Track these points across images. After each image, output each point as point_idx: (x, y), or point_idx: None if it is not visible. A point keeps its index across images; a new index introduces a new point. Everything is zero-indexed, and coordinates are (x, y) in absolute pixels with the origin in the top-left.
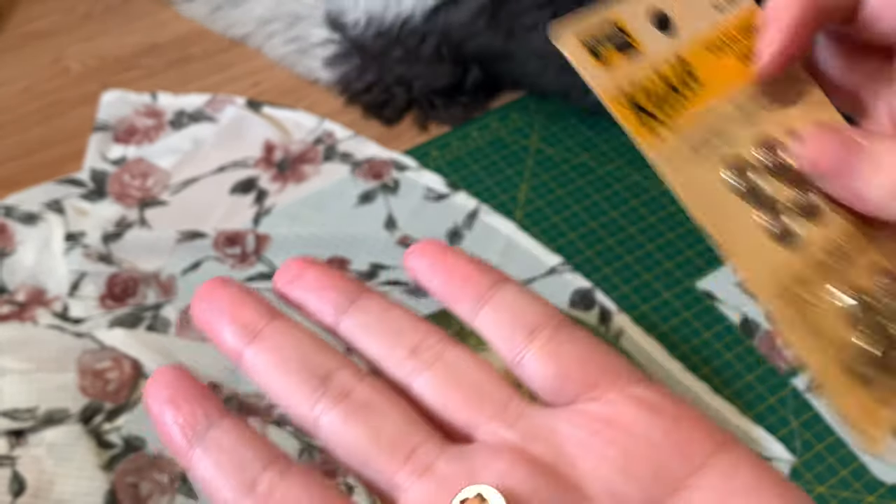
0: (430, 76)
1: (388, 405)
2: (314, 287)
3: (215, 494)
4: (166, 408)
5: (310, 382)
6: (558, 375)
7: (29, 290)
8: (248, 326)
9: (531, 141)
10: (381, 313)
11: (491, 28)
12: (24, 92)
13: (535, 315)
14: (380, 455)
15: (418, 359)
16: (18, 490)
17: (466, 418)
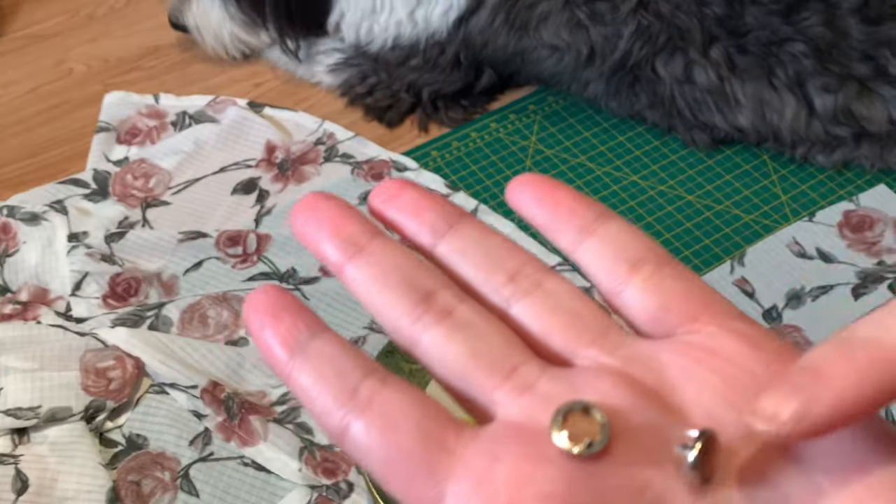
0: (444, 83)
1: (489, 326)
2: (411, 208)
3: (315, 402)
4: (267, 320)
5: (412, 299)
6: (660, 307)
7: (32, 289)
8: (350, 241)
9: (530, 142)
10: (479, 239)
11: (507, 25)
12: (28, 93)
13: (639, 249)
14: (480, 372)
15: (517, 285)
16: (21, 488)
17: (565, 344)
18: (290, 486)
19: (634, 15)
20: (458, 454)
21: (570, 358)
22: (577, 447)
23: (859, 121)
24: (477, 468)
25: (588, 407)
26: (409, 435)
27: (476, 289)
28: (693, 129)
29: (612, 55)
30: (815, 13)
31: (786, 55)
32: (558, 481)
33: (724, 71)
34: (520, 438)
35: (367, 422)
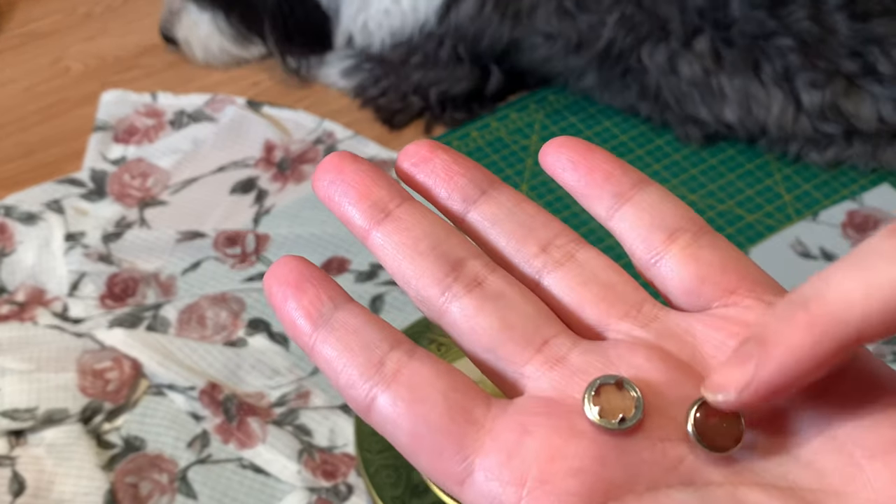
0: (449, 81)
1: (520, 297)
2: (443, 172)
3: (340, 375)
4: (290, 291)
5: (441, 267)
6: (696, 278)
7: (29, 290)
8: (378, 205)
9: (531, 141)
10: (512, 207)
11: (498, 13)
12: (25, 92)
13: (677, 218)
14: (510, 345)
15: (549, 256)
16: (18, 490)
17: (597, 317)
18: (289, 489)
19: (618, 4)
20: (487, 427)
21: (602, 331)
22: (610, 422)
23: (847, 118)
24: (506, 441)
25: (621, 381)
26: (436, 407)
27: (507, 259)
28: (685, 124)
29: (598, 43)
30: (801, 7)
31: (772, 49)
32: (590, 456)
33: (710, 63)
34: (551, 412)
35: (394, 394)
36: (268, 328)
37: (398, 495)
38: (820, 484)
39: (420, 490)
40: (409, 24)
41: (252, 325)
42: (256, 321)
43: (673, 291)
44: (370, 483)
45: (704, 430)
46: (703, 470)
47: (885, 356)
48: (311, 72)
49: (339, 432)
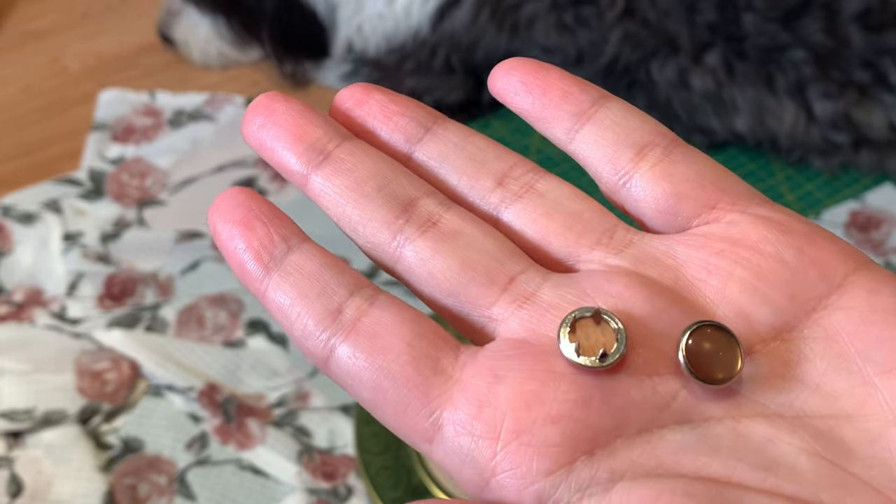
0: (443, 89)
1: (480, 234)
2: (380, 113)
3: (294, 324)
4: (237, 229)
5: (391, 209)
6: (672, 195)
7: (26, 290)
8: (316, 147)
9: (532, 140)
10: (460, 142)
11: (494, 24)
12: (23, 91)
13: (645, 132)
14: (473, 286)
15: (506, 189)
16: (16, 491)
17: (566, 249)
18: (289, 490)
19: (621, 22)
20: (456, 377)
21: (573, 263)
22: (589, 359)
23: (858, 127)
24: (476, 391)
25: (599, 313)
26: (399, 357)
27: (461, 196)
28: (691, 133)
29: (601, 59)
30: (815, 20)
31: (786, 62)
32: (571, 400)
33: (722, 76)
34: (523, 354)
35: (353, 344)
36: (267, 329)
37: (398, 497)
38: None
39: (420, 492)
40: (402, 29)
41: (251, 325)
42: (255, 322)
43: (647, 213)
44: (370, 484)
45: (698, 360)
46: (699, 405)
47: None
48: (307, 77)
49: (338, 433)
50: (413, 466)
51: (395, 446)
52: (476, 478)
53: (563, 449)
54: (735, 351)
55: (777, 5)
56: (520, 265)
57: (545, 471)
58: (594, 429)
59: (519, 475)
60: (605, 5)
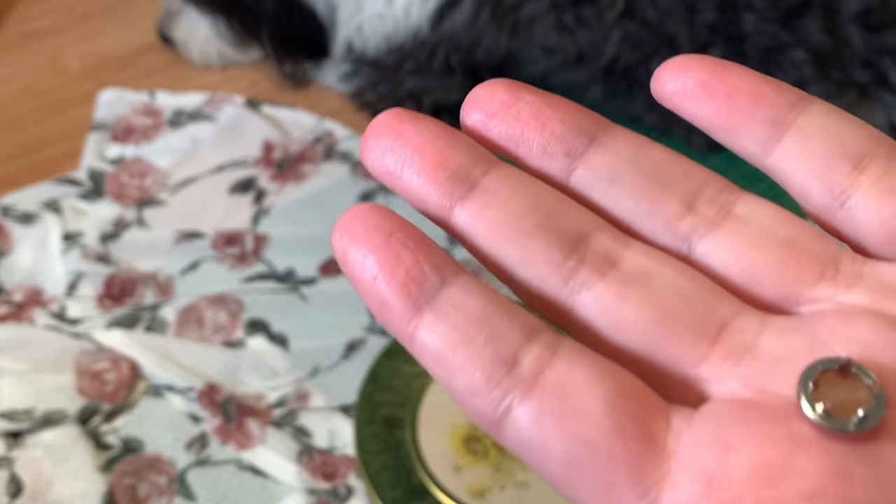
0: (442, 90)
1: (674, 274)
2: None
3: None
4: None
5: (559, 247)
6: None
7: (26, 290)
8: (459, 175)
9: None
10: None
11: (493, 24)
12: (23, 91)
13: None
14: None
15: (698, 215)
16: (16, 491)
17: (782, 287)
18: (289, 490)
19: (621, 22)
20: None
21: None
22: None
23: None
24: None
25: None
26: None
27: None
28: (690, 132)
29: (601, 59)
30: (815, 20)
31: (786, 62)
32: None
33: None
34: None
35: (538, 405)
36: (267, 329)
37: (398, 497)
38: None
39: (420, 492)
40: (401, 29)
41: (251, 325)
42: (255, 322)
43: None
44: (370, 484)
45: None
46: None
47: None
48: (306, 77)
49: (338, 433)
50: (413, 466)
51: (395, 446)
52: None
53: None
54: None
55: (777, 5)
56: (730, 310)
57: None
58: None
59: None
60: (605, 5)
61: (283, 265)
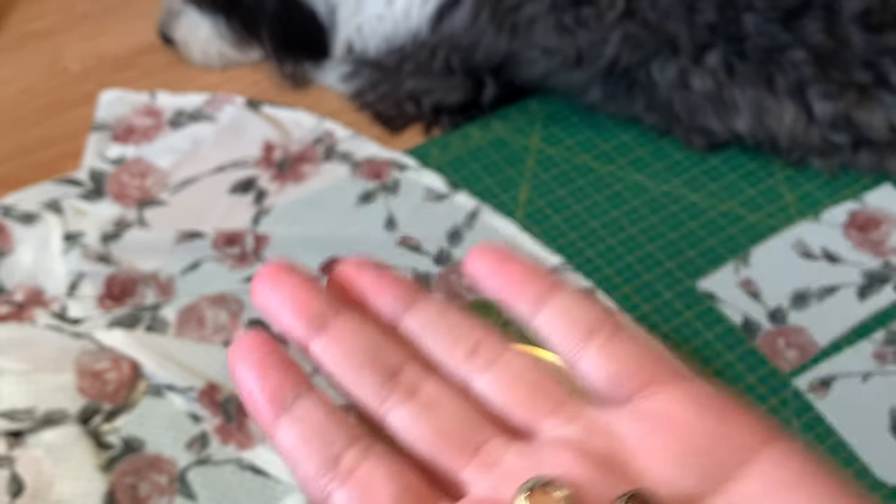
0: (442, 91)
1: (454, 403)
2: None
3: (299, 468)
4: (254, 374)
5: (379, 378)
6: (616, 374)
7: (27, 290)
8: (315, 318)
9: (532, 141)
10: (439, 315)
11: (493, 25)
12: (23, 92)
13: (592, 317)
14: (448, 451)
15: (477, 360)
16: (17, 491)
17: (526, 416)
18: (289, 490)
19: (620, 23)
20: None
21: (532, 429)
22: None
23: (858, 127)
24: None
25: (550, 482)
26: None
27: (438, 363)
28: (691, 133)
29: (600, 60)
30: (815, 20)
31: (786, 62)
32: None
33: (722, 77)
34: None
35: (348, 493)
36: (267, 329)
37: None
38: None
39: None
40: (401, 30)
41: (251, 325)
42: (256, 322)
43: (597, 385)
44: None
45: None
46: None
47: (885, 356)
48: (307, 78)
49: None
50: None
51: None
52: None
53: None
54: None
55: (777, 6)
56: (486, 433)
57: None
58: None
59: None
60: (604, 6)
61: None
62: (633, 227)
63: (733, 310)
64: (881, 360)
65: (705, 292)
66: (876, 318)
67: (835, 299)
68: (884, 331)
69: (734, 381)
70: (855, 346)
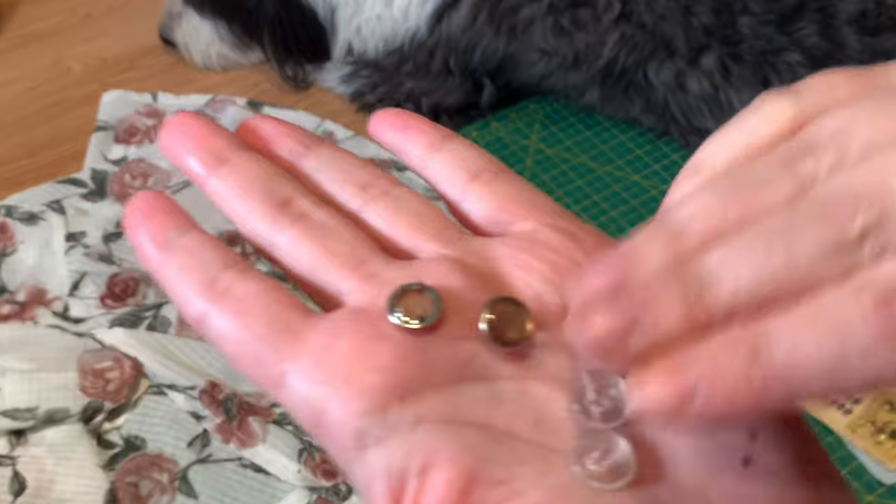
0: (440, 92)
1: (341, 227)
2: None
3: (178, 293)
4: (141, 219)
5: (271, 204)
6: (495, 209)
7: (30, 289)
8: (215, 154)
9: (531, 141)
10: (335, 158)
11: (492, 27)
12: (26, 92)
13: (479, 162)
14: (331, 267)
15: (367, 194)
16: (19, 489)
17: (410, 241)
18: (290, 488)
19: (617, 25)
20: (303, 336)
21: (415, 253)
22: (410, 321)
23: None
24: (318, 346)
25: (423, 287)
26: (258, 319)
27: (332, 199)
28: (688, 134)
29: (598, 62)
30: (811, 23)
31: (782, 64)
32: (391, 355)
33: (718, 79)
34: (360, 319)
35: (222, 308)
36: None
37: None
38: None
39: None
40: (400, 31)
41: None
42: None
43: (476, 221)
44: None
45: (494, 325)
46: (494, 365)
47: None
48: (307, 79)
49: None
50: None
51: None
52: (312, 418)
53: (380, 394)
54: (525, 320)
55: (773, 8)
56: (370, 252)
57: (363, 411)
58: (407, 378)
59: (343, 414)
60: (601, 8)
61: None
62: (631, 228)
63: None
64: None
65: None
66: None
67: None
68: None
69: None
70: None
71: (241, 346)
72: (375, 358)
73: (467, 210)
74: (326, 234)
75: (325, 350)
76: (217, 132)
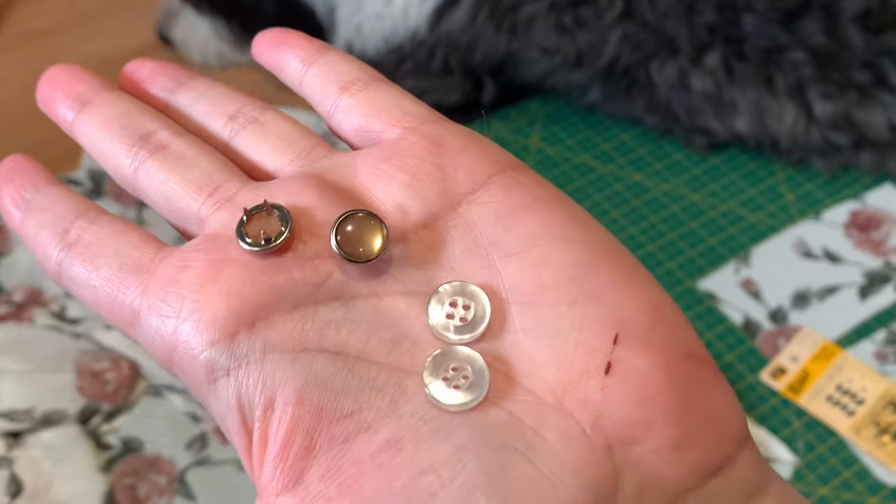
0: (441, 91)
1: (200, 155)
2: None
3: (36, 249)
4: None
5: (131, 140)
6: (364, 119)
7: (26, 290)
8: (79, 97)
9: (532, 140)
10: (205, 91)
11: (492, 26)
12: (23, 91)
13: (352, 72)
14: (188, 195)
15: (236, 122)
16: (16, 491)
17: (274, 164)
18: None
19: (619, 23)
20: (153, 271)
21: (277, 174)
22: (257, 244)
23: (858, 127)
24: (165, 278)
25: (270, 207)
26: (107, 261)
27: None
28: (691, 134)
29: (600, 60)
30: (815, 21)
31: (786, 63)
32: (239, 280)
33: (721, 77)
34: (208, 246)
35: (74, 256)
36: None
37: None
38: None
39: None
40: (400, 29)
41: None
42: None
43: (348, 133)
44: None
45: (345, 241)
46: (349, 284)
47: (886, 356)
48: None
49: None
50: None
51: None
52: (164, 351)
53: (227, 322)
54: (379, 233)
55: (777, 6)
56: (226, 176)
57: (211, 341)
58: (256, 304)
59: (192, 346)
60: (603, 6)
61: None
62: (633, 227)
63: (734, 310)
64: (882, 360)
65: (706, 292)
66: (877, 317)
67: (835, 299)
68: (885, 330)
69: (734, 382)
70: (856, 345)
71: (95, 292)
72: (223, 284)
73: (338, 123)
74: (184, 163)
75: (173, 282)
76: (81, 77)
